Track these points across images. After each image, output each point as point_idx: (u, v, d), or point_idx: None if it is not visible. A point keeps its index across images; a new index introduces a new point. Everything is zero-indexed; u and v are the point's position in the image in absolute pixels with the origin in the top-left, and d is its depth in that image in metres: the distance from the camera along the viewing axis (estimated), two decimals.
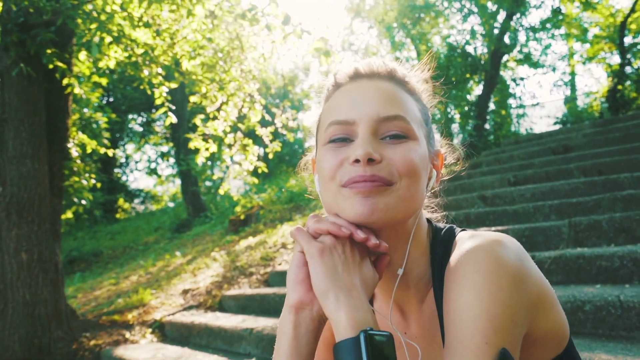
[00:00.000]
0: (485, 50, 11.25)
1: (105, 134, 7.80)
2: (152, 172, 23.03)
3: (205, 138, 5.95)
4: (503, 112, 12.39)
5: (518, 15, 10.64)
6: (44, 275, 4.44)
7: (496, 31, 10.67)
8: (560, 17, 11.22)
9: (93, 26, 4.23)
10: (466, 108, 11.49)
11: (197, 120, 5.94)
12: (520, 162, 6.76)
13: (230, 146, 6.25)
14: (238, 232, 8.62)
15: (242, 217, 8.93)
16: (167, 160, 22.43)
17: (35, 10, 4.19)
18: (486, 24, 10.74)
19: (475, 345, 0.69)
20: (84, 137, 5.96)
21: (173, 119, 5.36)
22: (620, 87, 10.81)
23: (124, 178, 22.26)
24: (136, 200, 22.28)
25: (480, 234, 0.82)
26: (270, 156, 6.52)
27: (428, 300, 0.90)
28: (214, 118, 5.82)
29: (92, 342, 4.59)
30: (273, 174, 16.73)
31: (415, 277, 0.90)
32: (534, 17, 19.73)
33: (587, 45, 13.73)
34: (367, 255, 0.83)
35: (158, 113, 7.05)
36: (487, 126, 11.35)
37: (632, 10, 10.90)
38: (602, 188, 4.36)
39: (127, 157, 22.85)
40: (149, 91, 5.29)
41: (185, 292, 5.72)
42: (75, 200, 5.76)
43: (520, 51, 11.81)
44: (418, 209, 0.86)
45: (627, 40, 11.53)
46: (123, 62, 5.02)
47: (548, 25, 11.20)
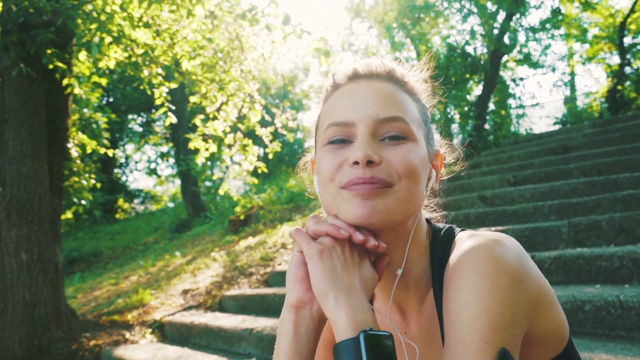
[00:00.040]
0: (485, 50, 11.25)
1: (105, 134, 7.80)
2: (152, 172, 23.02)
3: (205, 138, 5.95)
4: (503, 112, 12.38)
5: (518, 15, 10.64)
6: (43, 276, 4.44)
7: (496, 31, 10.67)
8: (560, 17, 11.22)
9: (93, 26, 4.23)
10: (466, 108, 11.48)
11: (197, 121, 5.94)
12: (520, 162, 6.76)
13: (230, 146, 6.25)
14: (238, 232, 8.62)
15: (242, 217, 8.93)
16: (167, 161, 22.43)
17: (35, 11, 4.19)
18: (486, 24, 10.74)
19: (475, 345, 0.69)
20: (84, 137, 5.95)
21: (173, 119, 5.36)
22: (619, 87, 10.81)
23: (123, 178, 22.26)
24: (136, 201, 22.27)
25: (479, 234, 0.82)
26: (270, 156, 6.52)
27: (428, 300, 0.90)
28: (214, 118, 5.81)
29: (92, 343, 4.59)
30: (273, 174, 16.73)
31: (415, 277, 0.90)
32: (533, 17, 19.80)
33: (587, 46, 13.74)
34: (367, 256, 0.83)
35: (158, 113, 7.05)
36: (486, 126, 11.35)
37: (631, 11, 10.90)
38: (602, 188, 4.36)
39: (127, 158, 22.85)
40: (148, 91, 5.29)
41: (185, 292, 5.72)
42: (75, 200, 5.76)
43: (520, 51, 11.81)
44: (417, 209, 0.86)
45: (627, 40, 11.54)
46: (123, 62, 5.02)
47: (548, 26, 11.20)
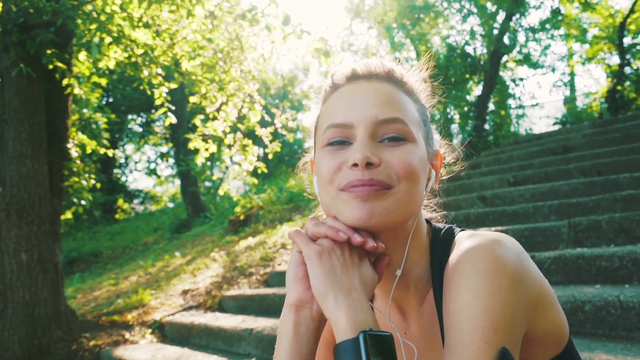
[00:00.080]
0: (485, 50, 11.25)
1: (105, 135, 7.80)
2: (152, 172, 23.02)
3: (205, 138, 5.95)
4: (502, 112, 12.39)
5: (517, 15, 10.64)
6: (43, 276, 4.44)
7: (495, 32, 10.67)
8: (560, 17, 11.23)
9: (93, 26, 4.23)
10: (466, 108, 11.48)
11: (196, 121, 5.94)
12: (520, 163, 6.76)
13: (229, 146, 6.24)
14: (238, 232, 8.62)
15: (241, 217, 8.93)
16: (167, 161, 22.43)
17: (35, 11, 4.19)
18: (486, 24, 10.74)
19: (475, 345, 0.69)
20: (84, 138, 5.95)
21: (173, 119, 5.36)
22: (619, 87, 10.82)
23: (123, 178, 22.25)
24: (136, 201, 22.26)
25: (479, 234, 0.82)
26: (269, 156, 6.52)
27: (428, 300, 0.90)
28: (214, 118, 5.81)
29: (92, 343, 4.58)
30: (273, 175, 16.73)
31: (415, 278, 0.90)
32: (533, 17, 19.81)
33: (587, 46, 13.75)
34: (366, 256, 0.83)
35: (158, 113, 7.04)
36: (486, 126, 11.36)
37: (631, 11, 10.91)
38: (602, 188, 4.36)
39: (127, 158, 22.84)
40: (148, 91, 5.29)
41: (184, 292, 5.72)
42: (74, 200, 5.75)
43: (519, 52, 11.81)
44: (417, 210, 0.86)
45: (627, 40, 11.55)
46: (123, 62, 5.02)
47: (547, 26, 11.21)
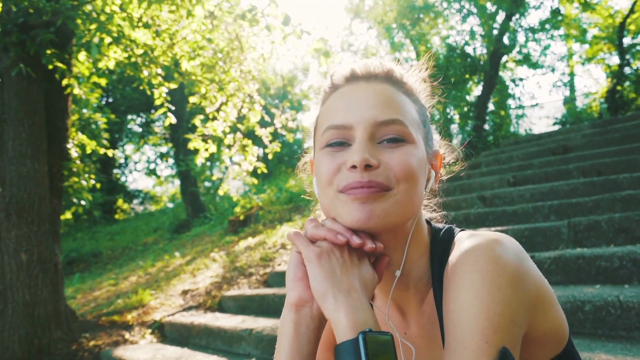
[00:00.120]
0: (485, 50, 11.26)
1: (105, 135, 7.80)
2: (151, 172, 23.00)
3: (205, 138, 5.95)
4: (502, 112, 12.40)
5: (517, 16, 10.65)
6: (43, 276, 4.44)
7: (495, 32, 10.68)
8: (560, 17, 11.23)
9: (93, 27, 4.23)
10: (465, 109, 11.49)
11: (196, 121, 5.94)
12: (520, 163, 6.77)
13: (229, 147, 6.24)
14: (237, 232, 8.62)
15: (241, 217, 8.93)
16: (167, 161, 22.41)
17: (35, 11, 4.19)
18: (485, 24, 10.75)
19: (475, 345, 0.69)
20: (84, 138, 5.95)
21: (172, 119, 5.36)
22: (619, 87, 10.82)
23: (123, 179, 22.23)
24: (135, 201, 22.25)
25: (479, 234, 0.82)
26: (269, 157, 6.52)
27: (428, 301, 0.90)
28: (214, 118, 5.81)
29: (92, 343, 4.58)
30: (272, 175, 16.73)
31: (414, 278, 0.90)
32: (533, 17, 19.76)
33: (586, 46, 13.76)
34: (366, 257, 0.83)
35: (157, 113, 7.04)
36: (486, 127, 11.36)
37: (631, 11, 10.91)
38: (602, 188, 4.36)
39: (127, 158, 22.83)
40: (148, 92, 5.28)
41: (184, 292, 5.71)
42: (74, 200, 5.75)
43: (519, 52, 11.82)
44: (416, 212, 0.86)
45: (626, 41, 11.56)
46: (122, 62, 5.02)
47: (547, 26, 11.21)
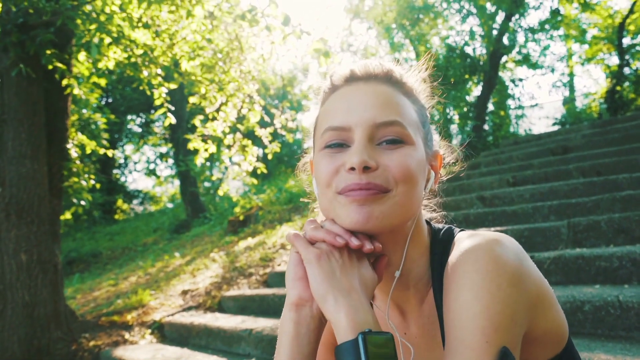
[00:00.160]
0: (484, 51, 11.26)
1: (104, 135, 7.79)
2: (151, 173, 22.99)
3: (205, 139, 5.94)
4: (502, 112, 12.41)
5: (517, 16, 10.66)
6: (43, 276, 4.43)
7: (495, 32, 10.68)
8: (559, 18, 11.24)
9: (92, 27, 4.23)
10: (465, 109, 11.49)
11: (196, 121, 5.94)
12: (519, 163, 6.77)
13: (229, 147, 6.24)
14: (237, 232, 8.62)
15: (241, 217, 8.92)
16: (166, 161, 22.40)
17: (34, 11, 4.19)
18: (485, 25, 10.76)
19: (475, 344, 0.69)
20: (83, 138, 5.95)
21: (172, 119, 5.36)
22: (618, 88, 10.83)
23: (122, 179, 22.21)
24: (135, 201, 22.23)
25: (478, 234, 0.82)
26: (269, 157, 6.51)
27: (428, 301, 0.90)
28: (213, 119, 5.81)
29: (92, 343, 4.58)
30: (272, 175, 16.73)
31: (414, 278, 0.90)
32: (532, 18, 19.77)
33: (586, 46, 13.76)
34: (366, 257, 0.83)
35: (157, 114, 7.05)
36: (486, 127, 11.37)
37: (630, 12, 10.92)
38: (601, 189, 4.36)
39: (126, 158, 22.82)
40: (148, 92, 5.28)
41: (184, 292, 5.71)
42: (74, 201, 5.74)
43: (519, 52, 11.83)
44: (415, 213, 0.86)
45: (626, 41, 11.57)
46: (122, 62, 5.02)
47: (547, 27, 11.22)
